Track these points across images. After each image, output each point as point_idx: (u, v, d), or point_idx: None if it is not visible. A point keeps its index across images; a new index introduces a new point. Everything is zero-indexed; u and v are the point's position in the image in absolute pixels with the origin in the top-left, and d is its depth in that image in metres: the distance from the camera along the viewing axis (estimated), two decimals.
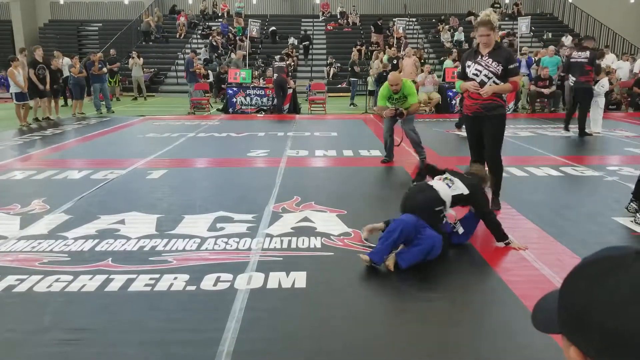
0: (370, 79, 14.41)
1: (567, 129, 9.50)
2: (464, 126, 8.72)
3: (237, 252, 3.60)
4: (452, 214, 3.70)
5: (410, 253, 3.24)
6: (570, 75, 9.18)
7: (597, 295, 0.56)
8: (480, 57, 4.38)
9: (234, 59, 15.95)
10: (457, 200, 3.57)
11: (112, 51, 17.62)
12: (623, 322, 0.53)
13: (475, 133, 4.61)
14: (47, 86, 11.71)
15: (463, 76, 4.56)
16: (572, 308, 0.59)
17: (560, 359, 0.60)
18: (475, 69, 4.38)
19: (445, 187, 3.55)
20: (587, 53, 8.73)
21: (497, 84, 4.35)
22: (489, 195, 4.69)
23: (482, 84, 4.36)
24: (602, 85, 9.34)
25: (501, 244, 3.64)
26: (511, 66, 4.35)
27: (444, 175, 3.69)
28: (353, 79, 15.72)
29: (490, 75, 4.34)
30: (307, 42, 21.39)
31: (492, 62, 4.32)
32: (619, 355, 0.53)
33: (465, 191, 3.55)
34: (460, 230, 3.61)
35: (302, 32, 22.09)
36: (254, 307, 2.81)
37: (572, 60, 9.02)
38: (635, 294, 0.53)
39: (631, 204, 4.43)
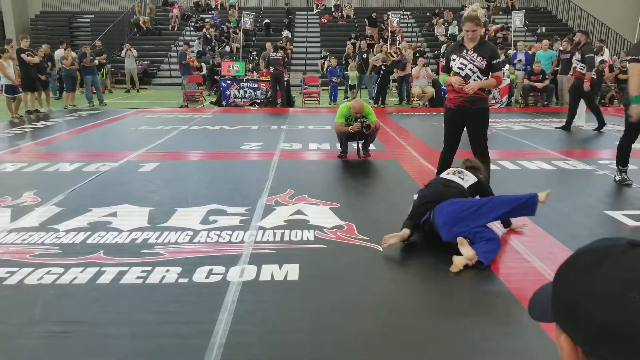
0: (352, 74, 13.96)
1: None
2: None
3: (229, 245, 3.59)
4: None
5: (489, 250, 3.27)
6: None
7: (587, 285, 0.57)
8: (465, 51, 4.41)
9: (264, 52, 15.46)
10: (472, 190, 3.66)
11: (97, 43, 17.40)
12: (610, 312, 0.53)
13: (455, 126, 4.66)
14: (43, 77, 11.69)
15: (447, 69, 4.61)
16: (563, 298, 0.60)
17: (550, 349, 0.60)
18: (461, 63, 4.42)
19: (460, 180, 3.68)
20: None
21: (480, 78, 4.40)
22: None
23: (466, 77, 4.40)
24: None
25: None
26: (495, 61, 4.41)
27: (453, 170, 3.87)
28: (347, 72, 15.67)
29: (475, 69, 4.38)
30: (290, 16, 21.77)
31: (477, 56, 4.37)
32: (605, 344, 0.53)
33: (475, 179, 3.69)
34: None
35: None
36: (247, 299, 2.81)
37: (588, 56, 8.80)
38: (623, 284, 0.54)
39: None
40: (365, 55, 14.16)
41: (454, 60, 4.48)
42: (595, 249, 0.60)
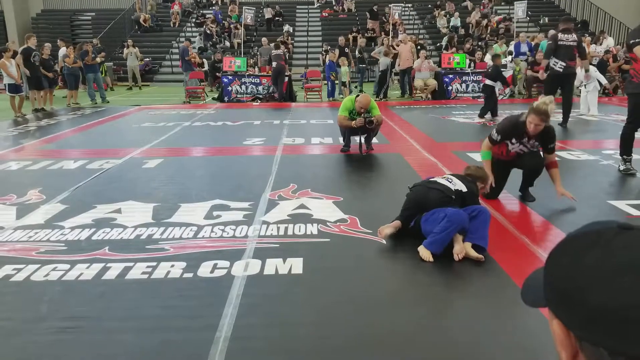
0: (344, 69, 13.22)
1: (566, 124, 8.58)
2: (486, 115, 8.60)
3: (233, 240, 3.61)
4: None
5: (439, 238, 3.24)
6: (556, 60, 8.22)
7: (579, 270, 0.56)
8: (527, 139, 4.31)
9: (261, 48, 15.23)
10: (458, 195, 3.54)
11: (95, 41, 17.32)
12: (603, 297, 0.53)
13: (505, 174, 4.52)
14: (50, 74, 11.75)
15: (497, 143, 4.38)
16: (555, 283, 0.59)
17: (552, 341, 0.61)
18: (519, 149, 4.37)
19: (447, 182, 3.60)
20: (574, 36, 8.20)
21: None
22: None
23: (517, 153, 4.40)
24: (595, 69, 9.41)
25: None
26: (551, 146, 4.35)
27: (444, 175, 3.80)
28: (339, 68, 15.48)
29: (527, 150, 4.37)
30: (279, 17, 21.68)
31: (535, 142, 4.33)
32: (598, 329, 0.53)
33: (464, 189, 3.57)
34: None
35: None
36: (251, 293, 2.82)
37: (560, 43, 8.16)
38: (615, 269, 0.53)
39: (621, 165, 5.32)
40: (347, 50, 13.91)
41: (513, 143, 4.35)
42: (586, 233, 0.59)
